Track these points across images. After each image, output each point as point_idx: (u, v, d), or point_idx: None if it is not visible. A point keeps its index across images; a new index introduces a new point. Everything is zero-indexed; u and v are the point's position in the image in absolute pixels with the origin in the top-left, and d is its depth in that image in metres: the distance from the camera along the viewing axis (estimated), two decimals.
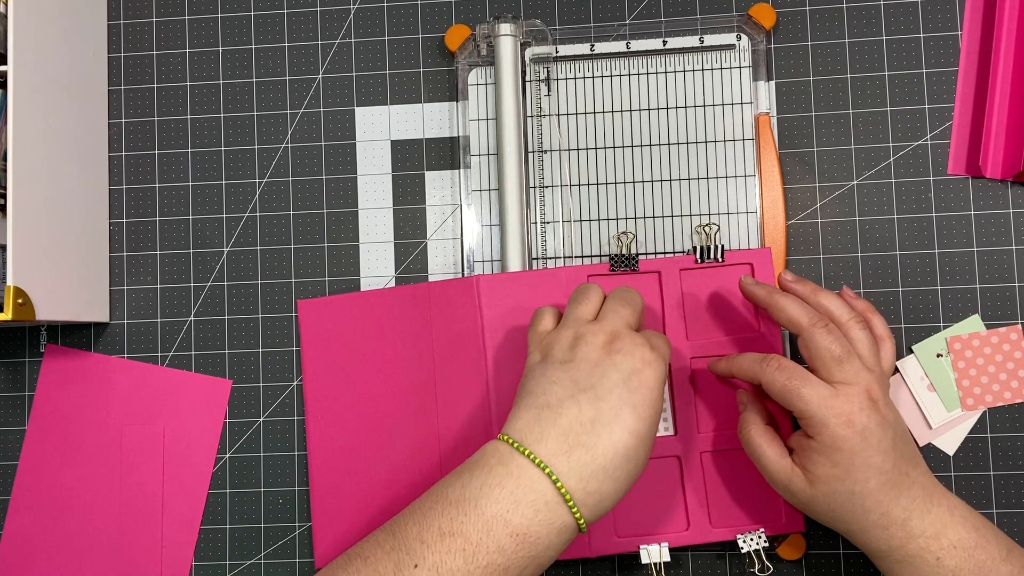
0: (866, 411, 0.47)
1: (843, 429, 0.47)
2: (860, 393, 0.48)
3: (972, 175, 0.58)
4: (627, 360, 0.46)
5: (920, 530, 0.47)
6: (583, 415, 0.44)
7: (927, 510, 0.48)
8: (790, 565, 0.58)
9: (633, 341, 0.47)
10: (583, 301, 0.50)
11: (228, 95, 0.64)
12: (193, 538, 0.61)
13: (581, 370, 0.46)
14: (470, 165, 0.61)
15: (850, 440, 0.47)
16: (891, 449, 0.48)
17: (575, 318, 0.49)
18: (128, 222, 0.64)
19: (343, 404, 0.60)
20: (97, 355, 0.63)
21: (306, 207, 0.63)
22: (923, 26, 0.59)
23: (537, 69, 0.61)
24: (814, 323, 0.49)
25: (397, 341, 0.59)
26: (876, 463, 0.47)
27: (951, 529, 0.47)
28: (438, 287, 0.58)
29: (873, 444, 0.47)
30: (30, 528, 0.62)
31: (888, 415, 0.48)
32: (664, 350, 0.49)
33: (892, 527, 0.48)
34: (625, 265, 0.57)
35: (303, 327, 0.61)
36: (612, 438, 0.44)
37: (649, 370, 0.46)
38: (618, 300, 0.50)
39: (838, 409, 0.47)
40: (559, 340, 0.48)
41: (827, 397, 0.48)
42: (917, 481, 0.48)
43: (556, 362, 0.47)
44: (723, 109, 0.59)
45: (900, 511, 0.48)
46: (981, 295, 0.58)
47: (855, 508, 0.48)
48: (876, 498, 0.48)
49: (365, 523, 0.59)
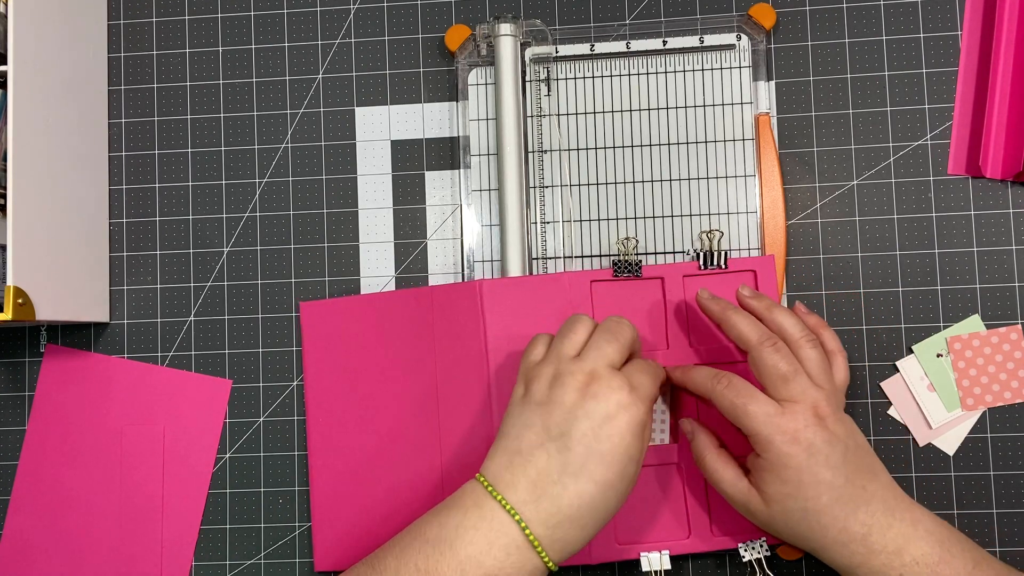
0: (811, 427, 0.48)
1: (789, 446, 0.47)
2: (806, 410, 0.48)
3: (972, 175, 0.58)
4: (600, 406, 0.46)
5: (881, 546, 0.47)
6: (551, 465, 0.46)
7: (888, 525, 0.48)
8: (790, 565, 0.58)
9: (610, 385, 0.46)
10: (568, 335, 0.50)
11: (228, 95, 0.64)
12: (193, 538, 0.61)
13: (554, 415, 0.46)
14: (470, 165, 0.61)
15: (796, 457, 0.47)
16: (842, 464, 0.48)
17: (558, 355, 0.49)
18: (128, 222, 0.64)
19: (344, 406, 0.60)
20: (97, 355, 0.63)
21: (306, 207, 0.63)
22: (923, 26, 0.59)
23: (537, 69, 0.61)
24: (762, 341, 0.50)
25: (399, 344, 0.59)
26: (826, 478, 0.47)
27: (914, 544, 0.47)
28: (441, 291, 0.58)
29: (821, 460, 0.47)
30: (30, 528, 0.62)
31: (838, 431, 0.48)
32: (646, 388, 0.48)
33: (852, 543, 0.48)
34: (628, 271, 0.57)
35: (305, 329, 0.61)
36: (577, 489, 0.45)
37: (623, 416, 0.46)
38: (603, 336, 0.49)
39: (784, 427, 0.48)
40: (541, 376, 0.48)
41: (773, 415, 0.48)
42: (876, 495, 0.48)
43: (533, 403, 0.48)
44: (723, 109, 0.59)
45: (858, 526, 0.47)
46: (981, 295, 0.58)
47: (811, 525, 0.48)
48: (831, 514, 0.47)
49: (364, 526, 0.59)
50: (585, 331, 0.50)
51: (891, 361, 0.58)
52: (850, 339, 0.58)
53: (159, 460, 0.62)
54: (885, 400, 0.58)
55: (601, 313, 0.57)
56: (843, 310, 0.58)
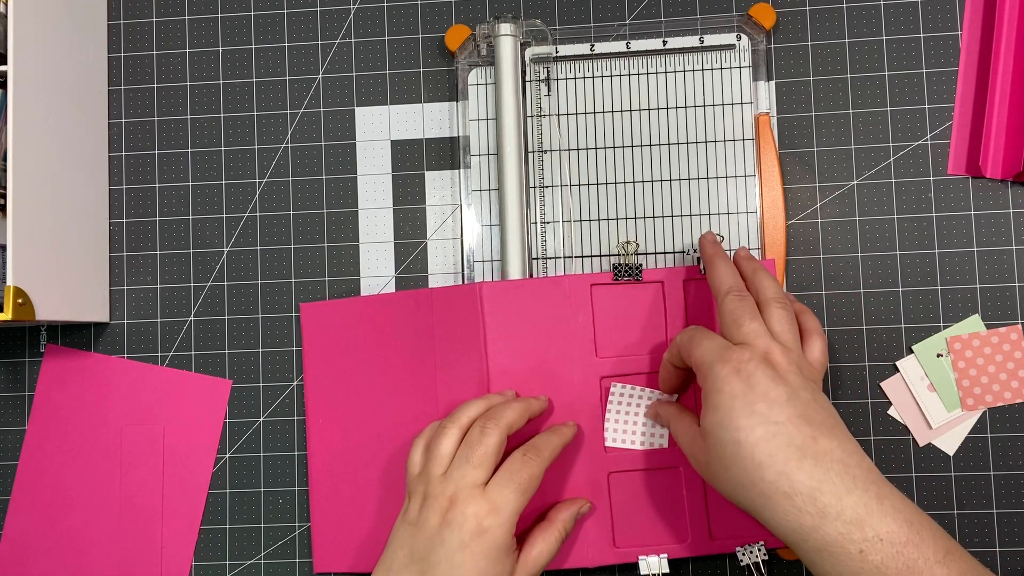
0: (756, 363, 0.45)
1: (726, 372, 0.45)
2: (756, 350, 0.46)
3: (972, 175, 0.58)
4: (455, 535, 0.47)
5: (836, 511, 0.42)
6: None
7: (846, 489, 0.42)
8: (790, 565, 0.58)
9: (465, 511, 0.48)
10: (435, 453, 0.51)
11: (228, 95, 0.64)
12: (193, 538, 0.61)
13: (419, 539, 0.49)
14: (470, 165, 0.61)
15: (731, 382, 0.45)
16: (784, 403, 0.44)
17: (428, 475, 0.50)
18: (128, 222, 0.64)
19: (344, 408, 0.60)
20: (97, 355, 0.63)
21: (306, 207, 0.63)
22: (923, 26, 0.59)
23: (537, 69, 0.61)
24: (730, 290, 0.50)
25: (399, 346, 0.59)
26: (761, 410, 0.44)
27: (878, 519, 0.42)
28: (441, 293, 0.58)
29: (759, 392, 0.44)
30: (30, 528, 0.62)
31: (789, 378, 0.45)
32: (510, 506, 0.48)
33: (798, 497, 0.42)
34: (628, 275, 0.57)
35: (305, 330, 0.61)
36: None
37: (476, 544, 0.47)
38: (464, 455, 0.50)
39: (727, 356, 0.46)
40: (416, 493, 0.51)
41: (722, 348, 0.47)
42: (831, 453, 0.43)
43: (407, 522, 0.50)
44: (723, 109, 0.59)
45: (805, 477, 0.42)
46: (981, 295, 0.58)
47: (745, 464, 0.44)
48: (767, 450, 0.43)
49: (364, 528, 0.59)
50: (451, 443, 0.51)
51: (891, 361, 0.58)
52: (850, 339, 0.58)
53: (159, 460, 0.62)
54: (885, 400, 0.58)
55: (601, 317, 0.57)
56: (843, 310, 0.58)
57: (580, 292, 0.57)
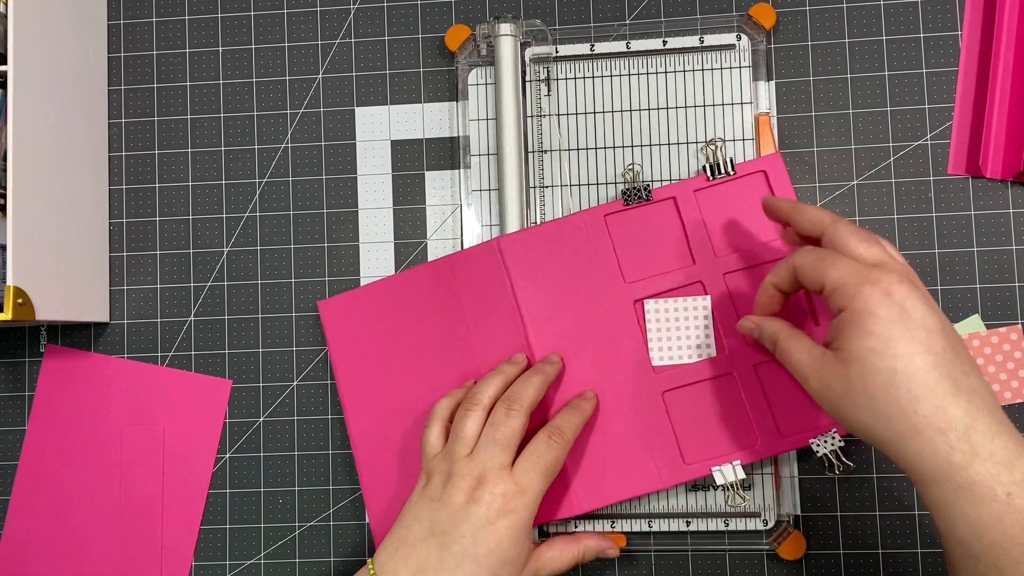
0: (906, 286, 0.42)
1: (879, 295, 0.41)
2: (899, 271, 0.43)
3: (972, 175, 0.58)
4: (481, 511, 0.48)
5: (988, 451, 0.39)
6: (430, 559, 0.48)
7: (997, 431, 0.40)
8: (790, 565, 0.58)
9: (493, 491, 0.48)
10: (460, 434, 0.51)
11: (228, 95, 0.64)
12: (193, 538, 0.61)
13: (442, 513, 0.49)
14: (470, 165, 0.61)
15: (888, 306, 0.41)
16: (939, 333, 0.41)
17: (452, 454, 0.51)
18: (128, 222, 0.64)
19: (382, 396, 0.59)
20: (97, 355, 0.63)
21: (306, 207, 0.63)
22: (923, 26, 0.59)
23: (537, 69, 0.61)
24: (838, 218, 0.46)
25: (427, 320, 0.59)
26: (921, 338, 0.40)
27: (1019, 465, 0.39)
28: (460, 258, 0.59)
29: (916, 318, 0.41)
30: (30, 528, 0.62)
31: (934, 305, 0.42)
32: (535, 488, 0.49)
33: (952, 432, 0.39)
34: (638, 197, 0.57)
35: (327, 327, 0.61)
36: None
37: (502, 522, 0.48)
38: (490, 435, 0.50)
39: (875, 277, 0.42)
40: (437, 472, 0.51)
41: (863, 269, 0.43)
42: (980, 392, 0.40)
43: (427, 497, 0.50)
44: (723, 109, 0.59)
45: (961, 413, 0.39)
46: (981, 295, 0.58)
47: (899, 395, 0.40)
48: (925, 382, 0.40)
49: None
50: (476, 424, 0.51)
51: None
52: None
53: (159, 460, 0.62)
54: None
55: (622, 244, 0.57)
56: None
57: (596, 225, 0.57)
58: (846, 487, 0.57)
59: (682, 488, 0.57)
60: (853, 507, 0.57)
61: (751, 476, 0.57)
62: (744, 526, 0.57)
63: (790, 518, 0.57)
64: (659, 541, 0.58)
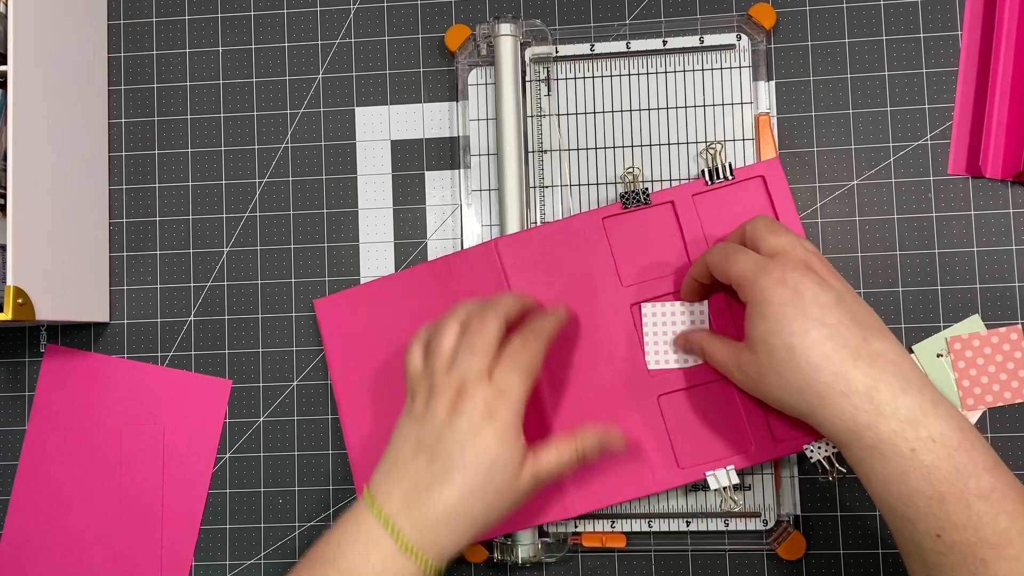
0: (799, 271, 0.46)
1: (771, 282, 0.46)
2: (796, 259, 0.47)
3: (972, 175, 0.58)
4: (465, 421, 0.48)
5: (892, 409, 0.42)
6: (420, 474, 0.48)
7: (901, 389, 0.43)
8: (790, 565, 0.58)
9: (474, 399, 0.48)
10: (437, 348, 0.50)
11: (228, 95, 0.64)
12: (193, 538, 0.61)
13: (427, 429, 0.49)
14: (470, 165, 0.61)
15: (778, 291, 0.45)
16: (834, 306, 0.45)
17: (432, 368, 0.50)
18: (128, 222, 0.64)
19: (376, 395, 0.59)
20: (97, 355, 0.63)
21: (306, 207, 0.63)
22: (923, 26, 0.59)
23: (537, 69, 0.61)
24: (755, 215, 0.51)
25: (423, 320, 0.58)
26: (814, 314, 0.44)
27: (932, 421, 0.42)
28: (457, 259, 0.59)
29: (808, 298, 0.45)
30: (30, 528, 0.62)
31: (832, 282, 0.47)
32: (516, 390, 0.48)
33: (854, 395, 0.43)
34: (636, 201, 0.57)
35: (323, 326, 0.61)
36: (442, 496, 0.47)
37: (487, 428, 0.47)
38: (466, 344, 0.50)
39: (770, 268, 0.46)
40: (419, 391, 0.51)
41: (761, 261, 0.47)
42: (884, 355, 0.44)
43: (413, 416, 0.50)
44: (723, 109, 0.59)
45: (861, 376, 0.43)
46: (981, 295, 0.58)
47: (800, 367, 0.44)
48: (822, 352, 0.44)
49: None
50: (452, 337, 0.51)
51: None
52: None
53: (159, 460, 0.62)
54: None
55: (619, 247, 0.57)
56: None
57: (593, 227, 0.57)
58: (846, 487, 0.57)
59: (682, 488, 0.57)
60: (853, 507, 0.57)
61: (751, 477, 0.57)
62: (744, 526, 0.57)
63: (790, 518, 0.57)
64: (659, 541, 0.58)
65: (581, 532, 0.58)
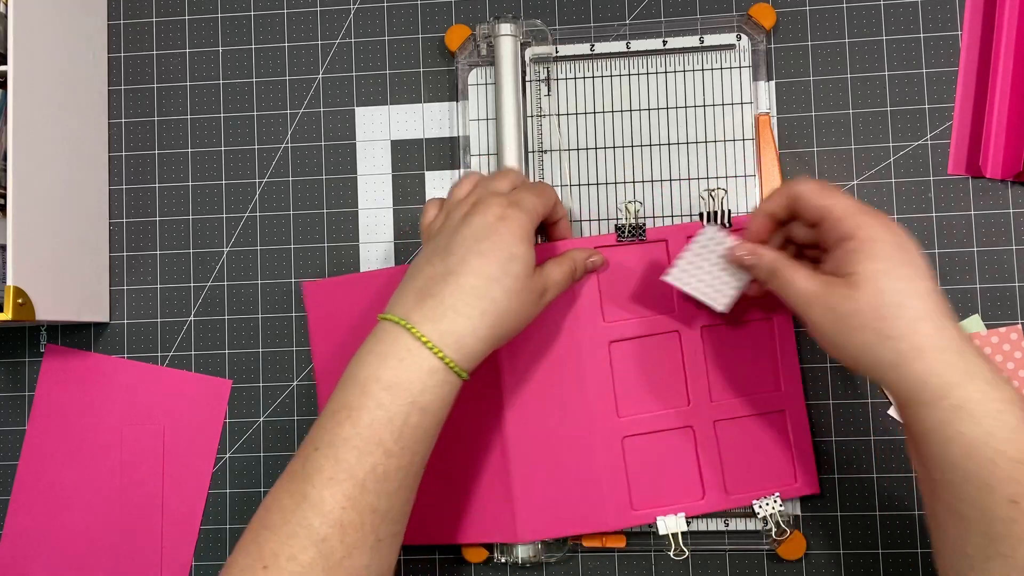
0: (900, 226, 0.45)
1: (881, 223, 0.45)
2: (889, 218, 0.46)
3: (972, 175, 0.58)
4: (479, 218, 0.48)
5: (978, 370, 0.42)
6: (435, 271, 0.47)
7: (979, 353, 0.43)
8: (790, 565, 0.58)
9: (488, 202, 0.48)
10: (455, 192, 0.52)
11: (228, 95, 0.64)
12: (193, 538, 0.61)
13: (442, 235, 0.49)
14: (470, 165, 0.61)
15: (890, 234, 0.44)
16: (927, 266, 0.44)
17: (448, 204, 0.52)
18: (128, 222, 0.64)
19: None
20: (97, 355, 0.63)
21: (306, 207, 0.63)
22: (923, 26, 0.59)
23: (537, 69, 0.61)
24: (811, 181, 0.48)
25: None
26: (921, 265, 0.44)
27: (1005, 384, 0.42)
28: None
29: (912, 250, 0.44)
30: (30, 528, 0.62)
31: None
32: (529, 202, 0.49)
33: (950, 352, 0.42)
34: (632, 235, 0.57)
35: (309, 309, 0.61)
36: (458, 282, 0.46)
37: (502, 224, 0.47)
38: (484, 182, 0.51)
39: (873, 209, 0.45)
40: (434, 226, 0.51)
41: (863, 204, 0.46)
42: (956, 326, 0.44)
43: (427, 243, 0.51)
44: (723, 109, 0.59)
45: (956, 334, 0.42)
46: (981, 295, 0.58)
47: (906, 312, 0.42)
48: (927, 304, 0.43)
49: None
50: (468, 187, 0.52)
51: None
52: None
53: (159, 460, 0.62)
54: (885, 400, 0.58)
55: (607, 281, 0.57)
56: None
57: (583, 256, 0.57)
58: (846, 487, 0.57)
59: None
60: (853, 507, 0.57)
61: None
62: (744, 526, 0.57)
63: (790, 518, 0.57)
64: (659, 541, 0.58)
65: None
